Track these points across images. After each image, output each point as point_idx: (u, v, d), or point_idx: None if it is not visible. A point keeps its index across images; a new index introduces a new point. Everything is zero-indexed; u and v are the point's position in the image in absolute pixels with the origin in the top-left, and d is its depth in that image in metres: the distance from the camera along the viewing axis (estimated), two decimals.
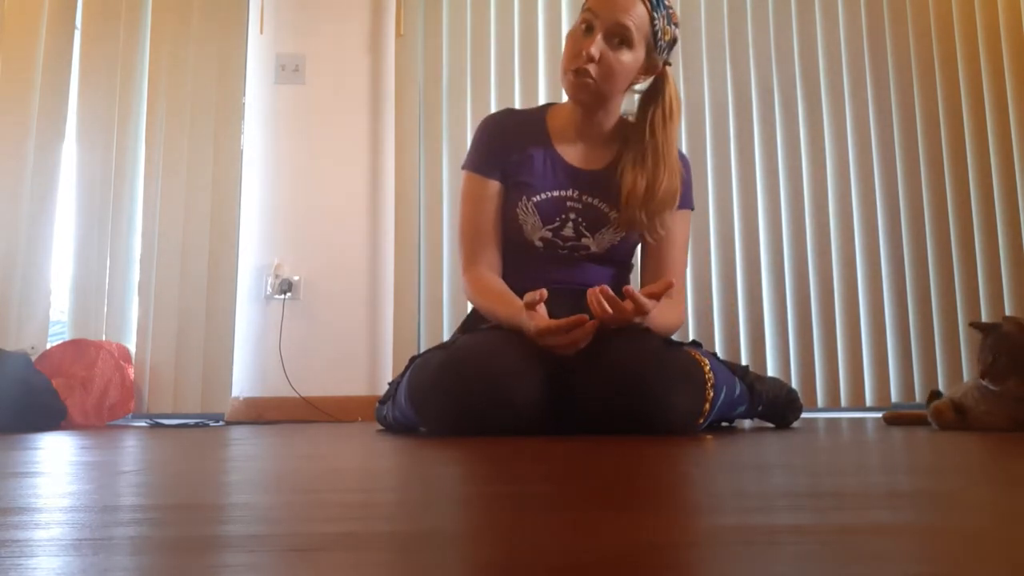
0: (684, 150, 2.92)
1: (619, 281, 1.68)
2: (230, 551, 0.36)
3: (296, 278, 2.82)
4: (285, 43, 2.94)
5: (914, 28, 3.03)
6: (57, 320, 2.79)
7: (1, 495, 0.59)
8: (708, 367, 1.38)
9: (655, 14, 1.51)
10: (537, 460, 0.86)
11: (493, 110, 2.86)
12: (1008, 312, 2.81)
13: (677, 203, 1.58)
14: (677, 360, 1.37)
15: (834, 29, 3.02)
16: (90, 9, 2.85)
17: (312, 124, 2.91)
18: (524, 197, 1.59)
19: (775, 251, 2.92)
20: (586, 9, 1.52)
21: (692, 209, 1.69)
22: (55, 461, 0.94)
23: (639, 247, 1.70)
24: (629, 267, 1.72)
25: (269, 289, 2.82)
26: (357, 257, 2.87)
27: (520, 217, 1.59)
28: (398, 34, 2.95)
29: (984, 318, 2.85)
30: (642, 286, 1.67)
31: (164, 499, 0.56)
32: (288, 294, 2.80)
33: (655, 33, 1.53)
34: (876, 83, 3.00)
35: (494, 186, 1.62)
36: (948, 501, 0.51)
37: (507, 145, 1.62)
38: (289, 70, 2.92)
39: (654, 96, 1.59)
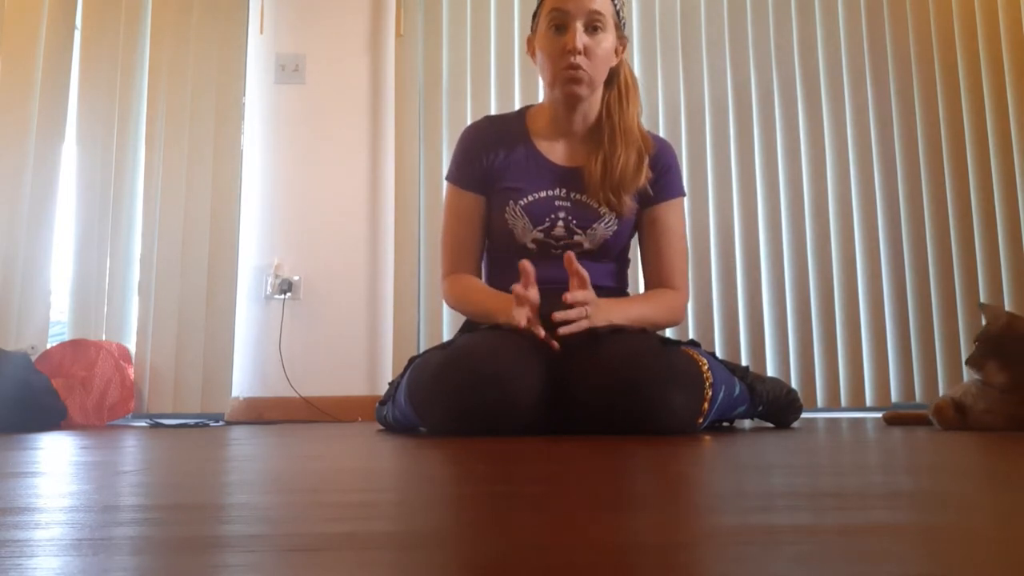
0: (684, 150, 2.93)
1: (618, 276, 1.69)
2: (230, 551, 0.36)
3: (296, 278, 2.82)
4: (285, 43, 2.95)
5: (914, 28, 3.03)
6: (57, 320, 2.79)
7: (1, 495, 0.59)
8: (706, 366, 1.38)
9: None
10: (536, 460, 0.86)
11: (493, 110, 2.87)
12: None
13: (642, 179, 1.59)
14: (674, 360, 1.37)
15: (834, 29, 3.02)
16: (90, 9, 2.85)
17: (312, 124, 2.91)
18: (511, 201, 1.60)
19: (775, 251, 2.92)
20: (552, 10, 1.54)
21: (683, 195, 1.70)
22: (55, 461, 0.94)
23: (637, 240, 1.70)
24: (626, 261, 1.72)
25: (269, 289, 2.82)
26: (357, 257, 2.87)
27: (510, 221, 1.60)
28: (398, 34, 2.95)
29: (983, 319, 2.85)
30: (644, 279, 1.69)
31: (164, 499, 0.56)
32: (288, 294, 2.80)
33: (617, 11, 1.58)
34: (876, 83, 3.00)
35: (473, 198, 1.65)
36: (948, 501, 0.51)
37: (487, 154, 1.64)
38: (289, 70, 2.92)
39: (610, 80, 1.62)
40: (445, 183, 1.70)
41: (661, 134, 2.89)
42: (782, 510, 0.47)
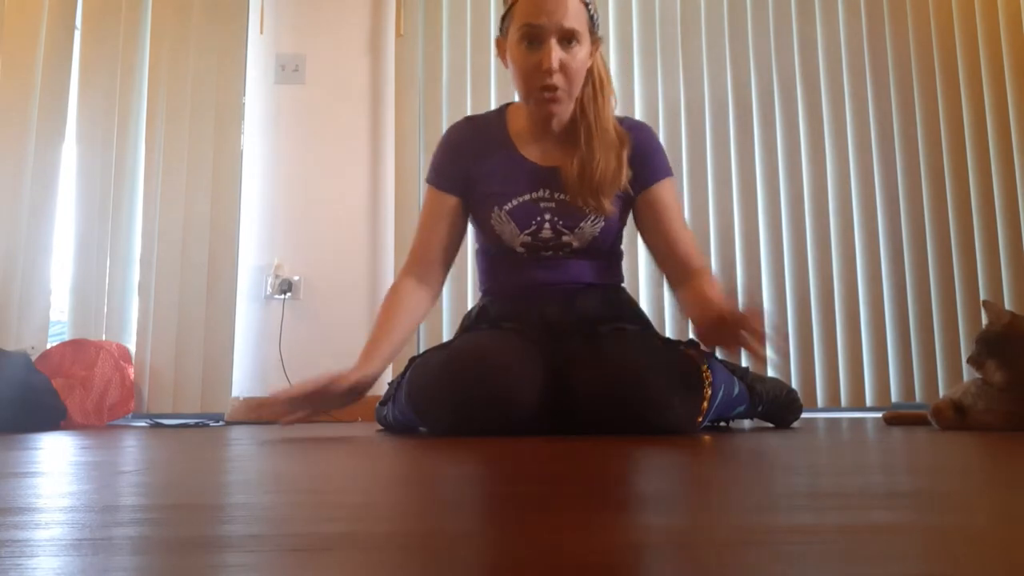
0: (684, 150, 2.93)
1: (611, 272, 1.64)
2: (230, 551, 0.36)
3: (296, 278, 2.82)
4: (285, 43, 2.95)
5: (914, 28, 3.03)
6: (57, 320, 2.79)
7: (1, 495, 0.59)
8: (706, 366, 1.38)
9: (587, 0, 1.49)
10: (537, 460, 0.86)
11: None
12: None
13: (622, 180, 1.52)
14: (674, 360, 1.37)
15: (834, 29, 3.03)
16: (90, 9, 2.85)
17: (312, 124, 2.91)
18: (496, 207, 1.56)
19: (775, 251, 2.92)
20: (523, 25, 1.46)
21: (672, 176, 1.62)
22: (55, 461, 0.94)
23: (639, 231, 1.63)
24: (618, 255, 1.66)
25: (269, 289, 2.82)
26: (357, 257, 2.87)
27: (496, 228, 1.57)
28: (398, 34, 2.95)
29: (983, 318, 2.85)
30: (661, 268, 1.61)
31: (164, 499, 0.56)
32: (288, 294, 2.80)
33: (591, 16, 1.50)
34: (876, 83, 3.00)
35: (451, 201, 1.60)
36: (948, 501, 0.51)
37: (468, 157, 1.59)
38: (289, 70, 2.92)
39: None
40: (426, 184, 1.65)
41: (661, 134, 2.89)
42: (782, 510, 0.47)
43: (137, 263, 2.78)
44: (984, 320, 1.57)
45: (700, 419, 1.37)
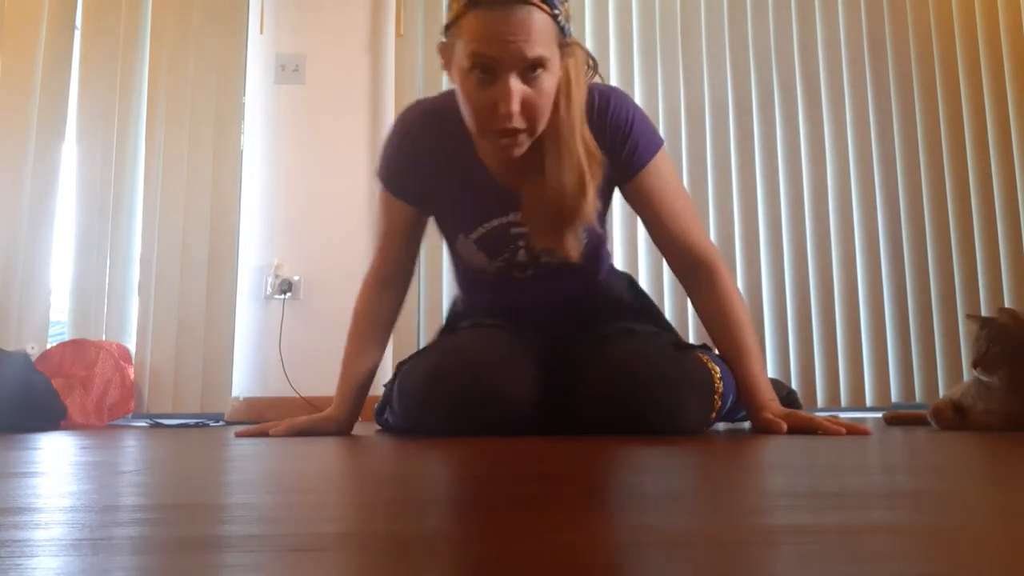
0: (684, 150, 2.93)
1: (600, 270, 1.53)
2: (230, 551, 0.36)
3: (296, 278, 2.82)
4: (285, 43, 2.95)
5: (914, 28, 3.03)
6: (57, 320, 2.80)
7: (1, 495, 0.59)
8: (718, 374, 1.32)
9: (555, 10, 1.18)
10: (536, 460, 0.86)
11: None
12: None
13: (589, 215, 1.28)
14: (686, 366, 1.32)
15: (834, 29, 3.03)
16: (90, 9, 2.86)
17: (312, 124, 2.91)
18: (461, 236, 1.41)
19: (775, 251, 2.92)
20: (473, 52, 1.16)
21: (661, 146, 1.39)
22: (55, 461, 0.94)
23: (638, 215, 1.47)
24: (600, 256, 1.53)
25: (269, 289, 2.82)
26: (357, 257, 2.87)
27: (464, 256, 1.45)
28: (398, 34, 2.96)
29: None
30: (665, 257, 1.46)
31: (164, 499, 0.56)
32: (288, 294, 2.80)
33: (561, 27, 1.21)
34: (876, 83, 3.00)
35: (406, 209, 1.43)
36: (948, 501, 0.51)
37: (422, 162, 1.37)
38: (289, 70, 2.92)
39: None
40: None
41: (661, 134, 2.87)
42: (782, 510, 0.47)
43: (137, 263, 2.79)
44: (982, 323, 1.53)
45: (706, 427, 1.36)
